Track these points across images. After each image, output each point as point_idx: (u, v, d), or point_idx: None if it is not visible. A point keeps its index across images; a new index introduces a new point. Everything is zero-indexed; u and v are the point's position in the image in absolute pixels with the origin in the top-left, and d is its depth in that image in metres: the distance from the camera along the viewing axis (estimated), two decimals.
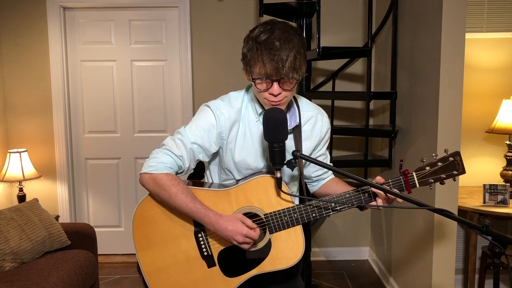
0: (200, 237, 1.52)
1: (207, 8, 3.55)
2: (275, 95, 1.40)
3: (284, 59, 1.33)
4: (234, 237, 1.42)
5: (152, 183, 1.48)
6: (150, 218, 1.55)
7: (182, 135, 1.52)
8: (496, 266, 1.21)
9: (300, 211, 1.48)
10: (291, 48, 1.35)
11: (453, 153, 1.42)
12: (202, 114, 1.54)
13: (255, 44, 1.38)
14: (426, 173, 1.42)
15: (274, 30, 1.37)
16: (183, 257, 1.53)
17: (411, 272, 2.78)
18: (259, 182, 1.51)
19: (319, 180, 1.73)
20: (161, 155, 1.50)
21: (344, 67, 3.47)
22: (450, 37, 2.27)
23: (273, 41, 1.34)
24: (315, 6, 2.70)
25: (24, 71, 3.58)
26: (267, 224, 1.50)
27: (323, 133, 1.63)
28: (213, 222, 1.44)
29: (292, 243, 1.50)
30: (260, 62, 1.36)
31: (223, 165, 1.59)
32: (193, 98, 3.61)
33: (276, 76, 1.37)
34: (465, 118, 2.51)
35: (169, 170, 1.49)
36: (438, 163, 1.42)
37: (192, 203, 1.45)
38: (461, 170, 1.42)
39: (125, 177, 3.79)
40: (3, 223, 2.58)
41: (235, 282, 1.51)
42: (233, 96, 1.57)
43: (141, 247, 1.55)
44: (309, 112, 1.60)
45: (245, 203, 1.51)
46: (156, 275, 1.55)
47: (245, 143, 1.54)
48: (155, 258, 1.54)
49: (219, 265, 1.52)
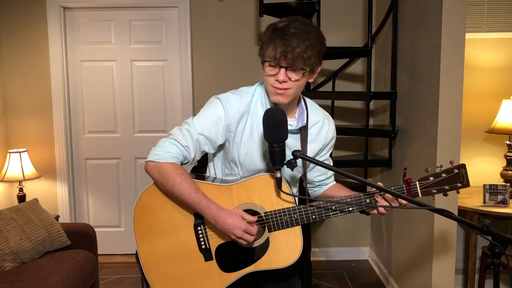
0: (200, 230, 1.53)
1: (207, 8, 3.55)
2: (280, 81, 1.41)
3: (295, 46, 1.35)
4: (233, 231, 1.44)
5: (157, 172, 1.49)
6: (152, 208, 1.56)
7: (190, 125, 1.52)
8: (496, 266, 1.21)
9: (300, 212, 1.49)
10: (305, 38, 1.37)
11: (458, 166, 1.42)
12: (211, 105, 1.54)
13: (272, 29, 1.42)
14: (429, 183, 1.42)
15: (294, 21, 1.41)
16: (181, 248, 1.54)
17: (411, 272, 2.78)
18: (262, 180, 1.51)
19: (321, 186, 1.74)
20: (167, 144, 1.50)
21: (344, 67, 3.47)
22: (450, 37, 2.27)
23: (289, 29, 1.38)
24: (315, 6, 2.70)
25: (24, 71, 3.58)
26: (267, 223, 1.50)
27: (328, 139, 1.65)
28: (214, 214, 1.45)
29: (290, 244, 1.51)
30: (272, 45, 1.39)
31: (229, 158, 1.59)
32: (193, 98, 3.61)
33: (284, 62, 1.38)
34: (465, 118, 2.50)
35: (174, 159, 1.49)
36: (442, 174, 1.42)
37: (195, 194, 1.46)
38: (466, 183, 1.42)
39: (125, 177, 3.79)
40: (3, 223, 2.58)
41: (230, 277, 1.52)
42: (244, 89, 1.58)
43: (141, 236, 1.56)
44: (317, 116, 1.62)
45: (246, 200, 1.52)
46: (154, 265, 1.55)
47: (252, 138, 1.54)
48: (154, 248, 1.55)
49: (216, 259, 1.54)
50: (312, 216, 1.49)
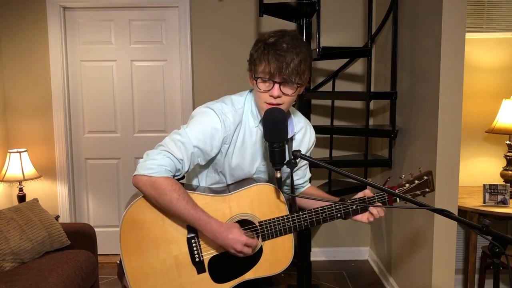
0: (194, 243, 1.50)
1: (207, 8, 3.55)
2: (274, 97, 1.41)
3: (289, 61, 1.36)
4: (233, 245, 1.43)
5: (151, 187, 1.43)
6: (142, 222, 1.49)
7: (183, 137, 1.47)
8: (496, 266, 1.21)
9: (293, 220, 1.51)
10: (297, 53, 1.38)
11: (426, 172, 1.56)
12: (205, 117, 1.49)
13: (263, 45, 1.41)
14: (405, 189, 1.57)
15: (284, 36, 1.41)
16: (172, 262, 1.50)
17: (411, 272, 2.78)
18: (254, 190, 1.53)
19: (298, 189, 1.80)
20: (160, 157, 1.44)
21: (344, 67, 3.46)
22: (450, 37, 2.27)
23: (282, 44, 1.38)
24: (315, 6, 2.70)
25: (24, 71, 3.58)
26: (261, 232, 1.52)
27: (311, 144, 1.71)
28: (215, 231, 1.43)
29: (282, 250, 1.53)
30: (265, 61, 1.39)
31: (218, 168, 1.58)
32: (193, 98, 3.61)
33: (279, 78, 1.39)
34: (465, 118, 2.51)
35: (168, 173, 1.44)
36: (415, 180, 1.56)
37: (194, 210, 1.43)
38: (432, 188, 1.56)
39: (125, 177, 3.79)
40: (3, 223, 2.58)
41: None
42: (235, 98, 1.56)
43: (128, 252, 1.49)
44: (300, 123, 1.66)
45: (240, 210, 1.52)
46: (142, 281, 1.49)
47: (243, 147, 1.55)
48: (143, 264, 1.49)
49: (208, 271, 1.52)
50: (305, 224, 1.51)
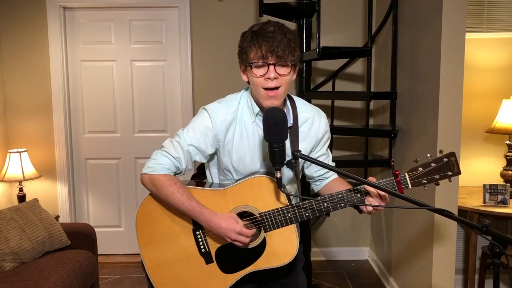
0: (198, 235, 1.60)
1: (207, 8, 3.55)
2: (271, 79, 1.43)
3: (279, 40, 1.41)
4: (227, 234, 1.49)
5: (150, 184, 1.57)
6: (152, 216, 1.63)
7: (180, 137, 1.59)
8: (496, 266, 1.21)
9: (293, 211, 1.52)
10: (285, 33, 1.45)
11: (448, 154, 1.40)
12: (199, 117, 1.60)
13: (250, 33, 1.47)
14: (419, 174, 1.41)
15: (268, 22, 1.49)
16: (183, 253, 1.61)
17: (411, 272, 2.78)
18: (254, 182, 1.55)
19: (322, 180, 1.75)
20: (159, 156, 1.58)
21: (344, 67, 3.47)
22: (450, 37, 2.27)
23: (268, 27, 1.45)
24: (315, 6, 2.70)
25: (24, 71, 3.58)
26: (262, 223, 1.55)
27: (320, 134, 1.65)
28: (208, 220, 1.50)
29: (286, 242, 1.55)
30: (255, 46, 1.44)
31: (222, 165, 1.64)
32: (193, 98, 3.61)
33: (272, 59, 1.42)
34: (465, 118, 2.51)
35: (166, 171, 1.56)
36: (431, 163, 1.40)
37: (188, 202, 1.52)
38: (457, 171, 1.40)
39: (125, 177, 3.79)
40: (3, 223, 2.58)
41: (231, 278, 1.58)
42: (230, 97, 1.63)
43: (144, 244, 1.64)
44: (306, 113, 1.64)
45: (240, 203, 1.56)
46: (158, 271, 1.63)
47: (242, 144, 1.59)
48: (157, 255, 1.62)
49: (216, 262, 1.59)
50: (306, 214, 1.51)
